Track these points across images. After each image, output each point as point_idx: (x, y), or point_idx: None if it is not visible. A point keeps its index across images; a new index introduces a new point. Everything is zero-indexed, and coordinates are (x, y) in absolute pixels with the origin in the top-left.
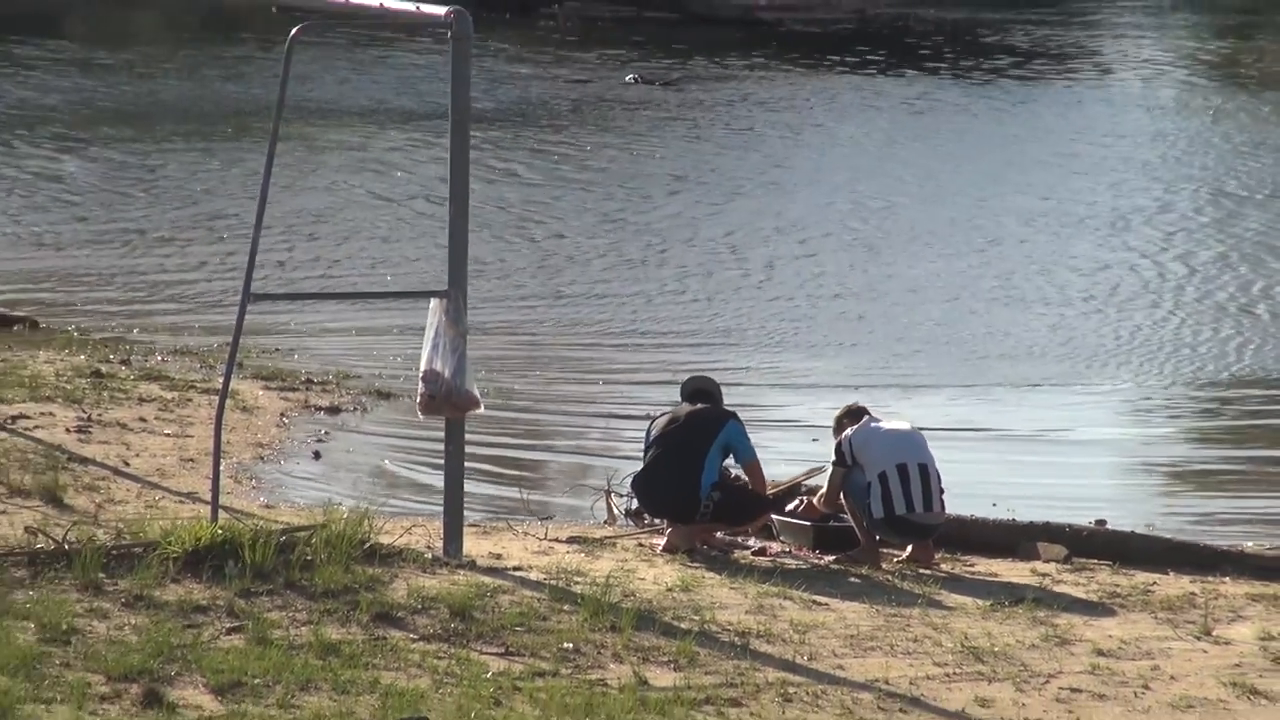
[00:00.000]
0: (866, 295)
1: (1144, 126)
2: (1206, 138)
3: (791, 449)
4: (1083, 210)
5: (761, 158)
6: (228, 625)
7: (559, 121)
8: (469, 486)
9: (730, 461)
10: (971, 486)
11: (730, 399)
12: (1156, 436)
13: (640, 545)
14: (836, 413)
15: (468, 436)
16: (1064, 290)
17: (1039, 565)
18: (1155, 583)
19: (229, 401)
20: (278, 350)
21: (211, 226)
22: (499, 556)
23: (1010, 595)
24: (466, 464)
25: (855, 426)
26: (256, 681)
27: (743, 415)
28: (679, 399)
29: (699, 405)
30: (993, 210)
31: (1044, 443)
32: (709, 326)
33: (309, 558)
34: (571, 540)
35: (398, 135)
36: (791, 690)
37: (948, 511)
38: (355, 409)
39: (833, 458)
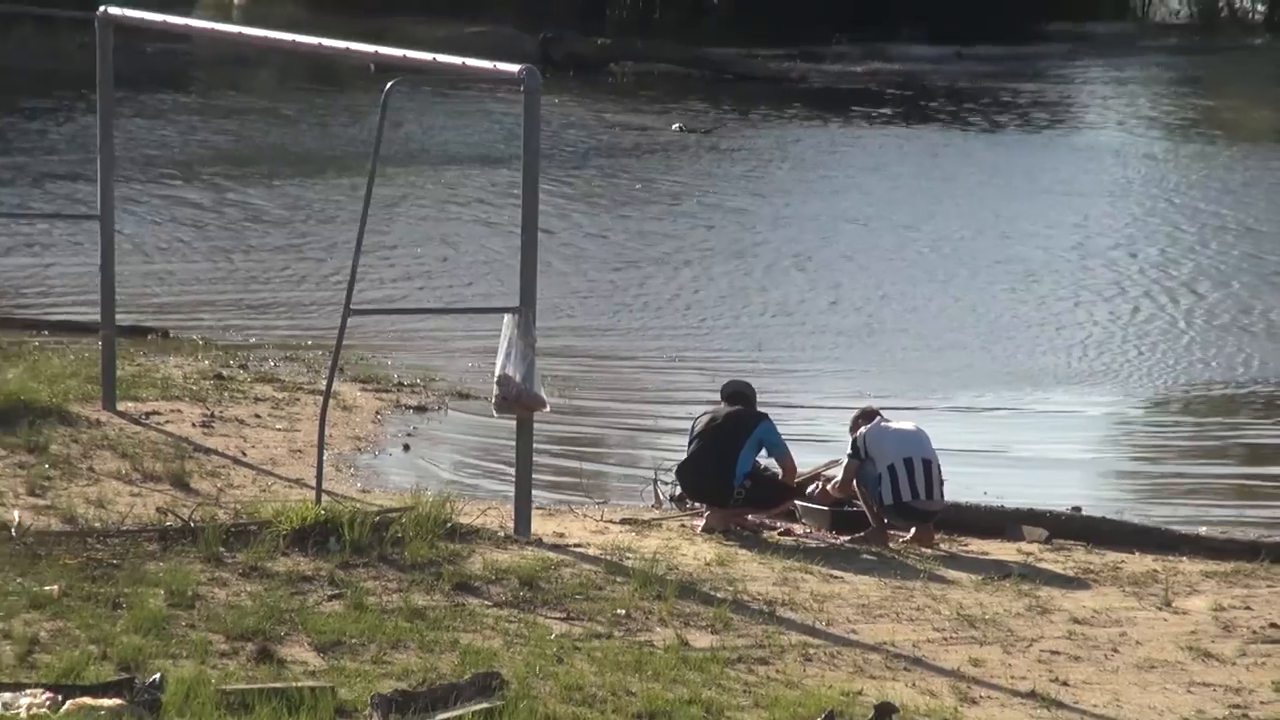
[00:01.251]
0: (892, 317)
1: (1116, 169)
2: (1174, 180)
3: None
4: (1067, 245)
5: (792, 196)
6: (329, 593)
7: (619, 162)
8: (536, 475)
9: (763, 455)
10: (970, 478)
11: (769, 404)
12: (1128, 440)
13: (682, 526)
14: (853, 414)
15: (536, 433)
16: (1063, 315)
17: (1024, 545)
18: (1123, 561)
19: (331, 401)
20: (374, 357)
21: (318, 251)
22: (561, 535)
23: (999, 571)
24: (534, 457)
25: (868, 425)
26: (354, 641)
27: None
28: (720, 398)
29: (737, 406)
30: (991, 239)
31: (1033, 442)
32: (745, 346)
33: (399, 535)
34: (624, 521)
35: (485, 173)
36: (811, 651)
37: (947, 499)
38: (439, 408)
39: (849, 451)
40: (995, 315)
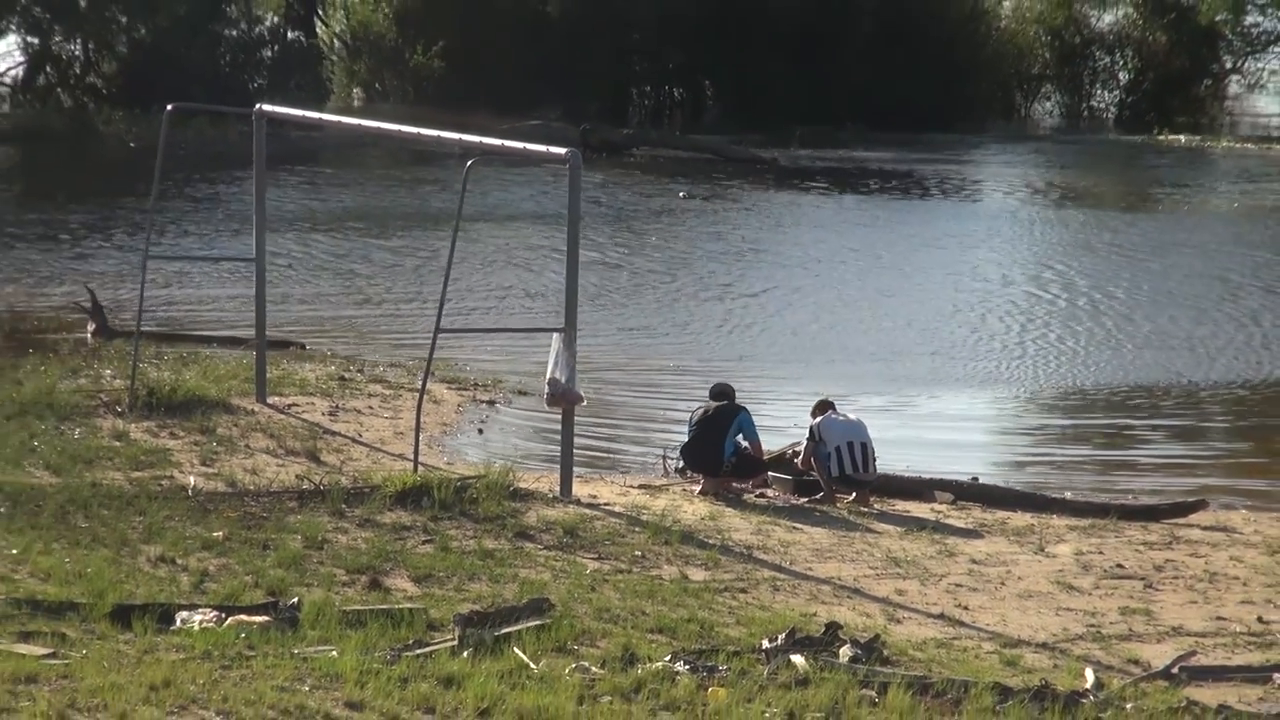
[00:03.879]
0: (841, 331)
1: (1006, 227)
2: (1051, 234)
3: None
4: (969, 279)
5: (765, 243)
6: (423, 539)
7: (638, 218)
8: (576, 452)
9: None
10: (896, 450)
11: (747, 398)
12: (1016, 425)
13: (684, 490)
14: (812, 405)
15: (576, 421)
16: (967, 332)
17: (936, 505)
18: (1009, 518)
19: (425, 396)
20: (457, 363)
21: (415, 285)
22: (594, 496)
23: (917, 525)
24: (574, 439)
25: (822, 416)
26: (441, 574)
27: (752, 410)
28: (708, 396)
29: (722, 401)
30: (916, 276)
31: (943, 427)
32: (731, 355)
33: (475, 496)
34: (640, 487)
35: (539, 227)
36: (779, 583)
37: (880, 472)
38: (505, 402)
39: (808, 436)
40: (906, 332)
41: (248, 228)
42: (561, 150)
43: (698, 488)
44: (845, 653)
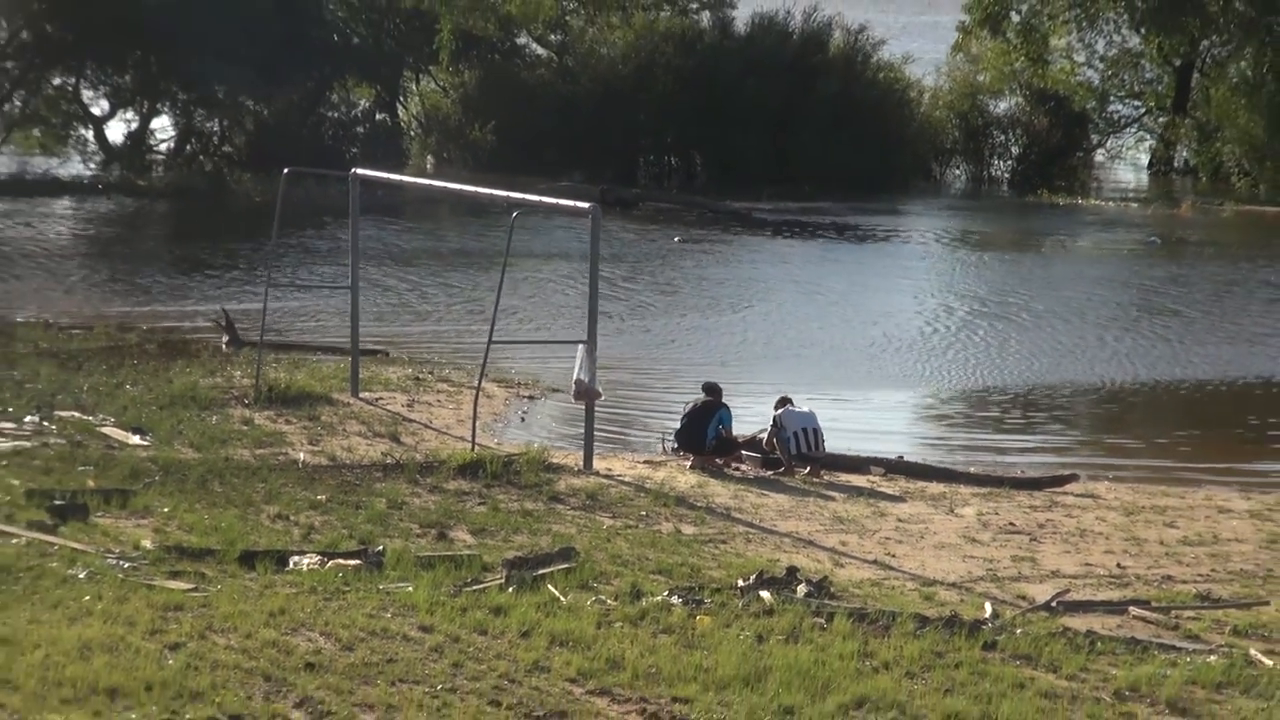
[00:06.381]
0: (803, 343)
1: (928, 266)
2: (961, 270)
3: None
4: (904, 308)
5: (744, 276)
6: (478, 501)
7: (644, 258)
8: (596, 435)
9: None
10: (842, 436)
11: (730, 397)
12: (932, 416)
13: (677, 465)
14: (775, 399)
15: (596, 412)
16: (898, 344)
17: (871, 477)
18: (927, 487)
19: (480, 392)
20: (505, 367)
21: (475, 307)
22: (610, 470)
23: (856, 492)
24: (595, 425)
25: (784, 408)
26: (492, 528)
27: (734, 405)
28: (700, 392)
29: (709, 397)
30: (866, 301)
31: (876, 414)
32: (715, 362)
33: (518, 469)
34: (645, 462)
35: (567, 264)
36: (751, 536)
37: (828, 451)
38: (542, 397)
39: (772, 423)
40: (858, 341)
41: (345, 263)
42: (586, 205)
43: (688, 463)
44: (801, 590)
